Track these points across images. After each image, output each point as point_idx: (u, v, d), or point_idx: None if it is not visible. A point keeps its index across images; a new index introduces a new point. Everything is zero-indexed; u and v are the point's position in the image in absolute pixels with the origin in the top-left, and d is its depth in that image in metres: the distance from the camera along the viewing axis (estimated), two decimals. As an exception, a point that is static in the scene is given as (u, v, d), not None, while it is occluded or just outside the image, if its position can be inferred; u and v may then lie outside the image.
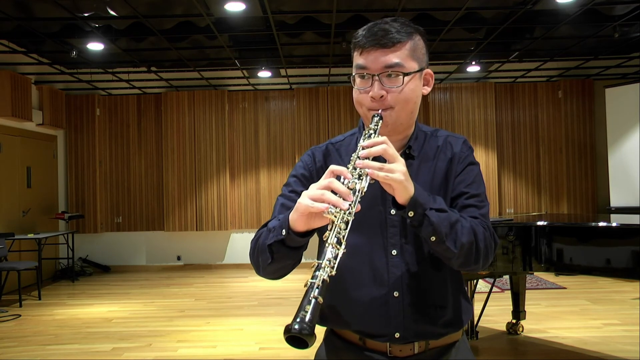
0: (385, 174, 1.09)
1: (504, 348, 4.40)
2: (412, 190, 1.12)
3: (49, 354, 4.55)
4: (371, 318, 1.27)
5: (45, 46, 6.55)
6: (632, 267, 3.16)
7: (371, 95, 1.24)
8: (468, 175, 1.30)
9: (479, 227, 1.22)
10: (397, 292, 1.26)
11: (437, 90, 8.89)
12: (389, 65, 1.22)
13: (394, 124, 1.25)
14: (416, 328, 1.27)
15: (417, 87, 1.27)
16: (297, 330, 0.92)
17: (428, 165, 1.31)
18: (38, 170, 8.05)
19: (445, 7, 5.47)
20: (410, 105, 1.26)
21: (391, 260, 1.27)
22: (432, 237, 1.14)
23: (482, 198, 1.29)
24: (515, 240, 3.60)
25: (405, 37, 1.24)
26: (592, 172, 8.79)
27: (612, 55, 7.50)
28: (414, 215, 1.12)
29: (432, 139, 1.35)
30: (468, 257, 1.19)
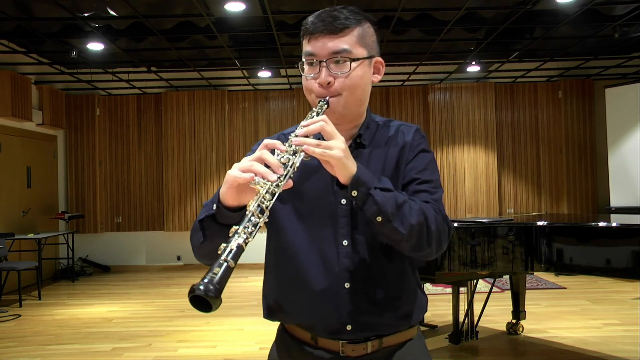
0: (323, 150, 1.07)
1: (504, 348, 4.40)
2: (354, 169, 1.10)
3: (49, 354, 4.55)
4: (321, 310, 1.24)
5: (45, 46, 6.55)
6: (632, 267, 3.16)
7: (318, 81, 1.22)
8: (419, 162, 1.28)
9: (430, 210, 1.18)
10: (348, 283, 1.23)
11: (437, 90, 8.89)
12: (336, 51, 1.21)
13: (342, 111, 1.24)
14: (367, 320, 1.24)
15: (365, 74, 1.26)
16: (202, 291, 0.88)
17: (379, 153, 1.29)
18: (38, 170, 8.05)
19: (445, 7, 5.47)
20: (358, 92, 1.25)
21: (342, 251, 1.24)
22: (378, 217, 1.11)
23: (435, 185, 1.27)
24: (515, 240, 3.60)
25: (353, 23, 1.23)
26: (592, 172, 8.80)
27: (612, 55, 7.50)
28: (358, 194, 1.10)
29: (384, 128, 1.34)
30: (419, 240, 1.16)
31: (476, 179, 8.75)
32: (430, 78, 8.71)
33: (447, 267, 3.62)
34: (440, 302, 5.89)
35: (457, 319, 4.30)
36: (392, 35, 6.31)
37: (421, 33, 6.36)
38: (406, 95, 9.02)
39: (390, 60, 7.66)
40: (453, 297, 4.28)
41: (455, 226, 3.67)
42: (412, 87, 8.99)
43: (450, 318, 4.49)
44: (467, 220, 3.86)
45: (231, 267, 0.93)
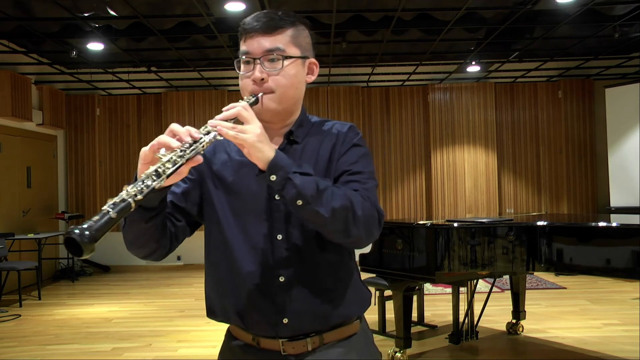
0: (236, 133, 1.10)
1: (504, 348, 4.40)
2: (271, 154, 1.11)
3: (49, 354, 4.55)
4: (258, 304, 1.25)
5: (45, 46, 6.55)
6: (632, 267, 3.16)
7: (252, 77, 1.25)
8: (351, 155, 1.30)
9: (357, 196, 1.19)
10: (283, 276, 1.25)
11: (437, 90, 8.89)
12: (270, 49, 1.25)
13: (276, 108, 1.27)
14: (305, 313, 1.25)
15: (299, 73, 1.29)
16: (77, 235, 0.89)
17: (312, 149, 1.31)
18: (38, 170, 8.05)
19: (445, 7, 5.47)
20: (291, 90, 1.28)
21: (276, 245, 1.25)
22: (298, 201, 1.11)
23: (367, 176, 1.28)
24: (515, 240, 3.60)
25: (287, 24, 1.28)
26: (592, 172, 8.80)
27: (612, 55, 7.50)
28: (276, 178, 1.11)
29: (319, 126, 1.37)
30: (345, 224, 1.15)
31: (476, 179, 8.75)
32: (430, 78, 8.71)
33: (447, 267, 3.62)
34: (440, 302, 5.89)
35: (457, 319, 4.30)
36: (392, 35, 6.31)
37: (421, 33, 6.36)
38: (406, 95, 9.02)
39: (390, 60, 7.66)
40: (453, 297, 4.28)
41: (455, 226, 3.67)
42: (412, 87, 8.99)
43: (450, 318, 4.50)
44: (467, 220, 3.86)
45: (112, 218, 0.94)
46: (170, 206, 1.29)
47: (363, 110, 8.90)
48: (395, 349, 3.94)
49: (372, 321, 4.68)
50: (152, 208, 1.16)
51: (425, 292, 5.95)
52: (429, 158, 8.86)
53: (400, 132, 9.00)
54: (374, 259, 3.99)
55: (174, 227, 1.29)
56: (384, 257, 3.91)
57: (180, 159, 1.05)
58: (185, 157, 1.06)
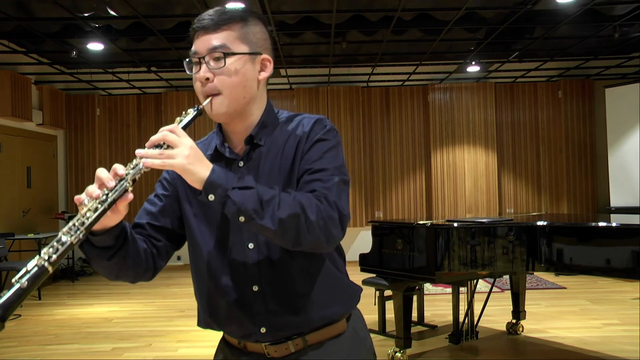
0: (163, 160, 1.06)
1: (504, 348, 4.40)
2: (205, 173, 1.07)
3: (49, 354, 4.55)
4: (237, 316, 1.25)
5: (45, 46, 6.55)
6: (632, 267, 3.16)
7: (197, 77, 1.21)
8: (315, 152, 1.22)
9: (310, 200, 1.12)
10: (256, 285, 1.23)
11: (437, 90, 8.89)
12: (212, 47, 1.20)
13: (227, 110, 1.22)
14: (282, 321, 1.23)
15: (247, 71, 1.23)
16: None
17: (276, 150, 1.25)
18: (38, 170, 8.05)
19: (445, 7, 5.47)
20: (239, 89, 1.22)
21: (248, 255, 1.23)
22: (240, 217, 1.07)
23: (330, 172, 1.20)
24: (515, 240, 3.60)
25: (235, 20, 1.23)
26: (592, 172, 8.80)
27: (612, 55, 7.50)
28: (215, 197, 1.07)
29: (285, 124, 1.29)
30: (297, 233, 1.10)
31: (476, 179, 8.75)
32: (430, 78, 8.71)
33: (447, 267, 3.62)
34: (440, 302, 5.89)
35: (457, 319, 4.30)
36: (392, 35, 6.31)
37: (421, 33, 6.36)
38: (406, 95, 9.02)
39: (390, 60, 7.66)
40: (453, 297, 4.28)
41: (455, 226, 3.67)
42: (412, 87, 8.99)
43: (450, 318, 4.50)
44: (467, 220, 3.86)
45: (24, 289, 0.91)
46: (148, 228, 1.28)
47: (363, 110, 8.90)
48: (395, 349, 3.94)
49: (372, 321, 4.68)
50: (108, 247, 1.15)
51: (425, 292, 5.95)
52: (429, 158, 8.86)
53: (400, 132, 9.01)
54: (373, 259, 3.99)
55: (154, 247, 1.27)
56: (384, 257, 3.91)
57: (101, 204, 1.04)
58: (108, 201, 1.04)
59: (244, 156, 1.27)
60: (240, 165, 1.26)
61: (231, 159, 1.27)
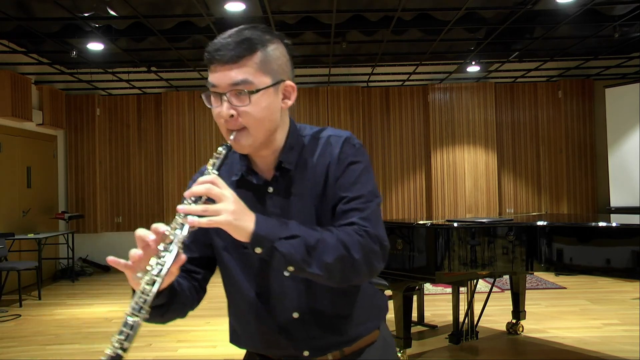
0: (209, 218, 1.01)
1: (504, 348, 4.40)
2: (251, 226, 1.04)
3: (49, 354, 4.55)
4: (276, 342, 1.25)
5: (45, 46, 6.55)
6: (632, 267, 3.16)
7: (221, 115, 1.14)
8: (348, 177, 1.20)
9: (352, 236, 1.11)
10: (297, 312, 1.22)
11: (437, 90, 8.89)
12: (234, 83, 1.13)
13: (252, 145, 1.17)
14: (324, 343, 1.25)
15: (272, 103, 1.16)
16: None
17: (306, 175, 1.22)
18: (38, 170, 8.05)
19: (445, 7, 5.47)
20: (265, 123, 1.16)
21: (285, 282, 1.22)
22: (290, 268, 1.07)
23: (366, 198, 1.19)
24: (515, 240, 3.60)
25: (255, 48, 1.14)
26: (592, 172, 8.80)
27: (612, 55, 7.51)
28: (263, 250, 1.05)
29: (312, 143, 1.25)
30: (343, 273, 1.11)
31: (476, 179, 8.75)
32: (430, 78, 8.71)
33: (447, 267, 3.62)
34: (440, 302, 5.89)
35: (457, 319, 4.30)
36: (392, 35, 6.31)
37: (421, 33, 6.36)
38: (406, 95, 9.02)
39: (390, 60, 7.67)
40: (453, 297, 4.28)
41: (455, 226, 3.67)
42: (412, 87, 8.99)
43: (450, 318, 4.50)
44: (467, 220, 3.86)
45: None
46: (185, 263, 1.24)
47: (363, 110, 8.90)
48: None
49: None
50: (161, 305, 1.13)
51: (425, 292, 5.95)
52: (429, 158, 8.86)
53: (400, 132, 9.00)
54: (374, 259, 3.97)
55: (195, 281, 1.27)
56: (384, 257, 3.89)
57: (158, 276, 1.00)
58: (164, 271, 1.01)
59: (273, 182, 1.23)
60: (269, 191, 1.23)
61: (259, 185, 1.24)
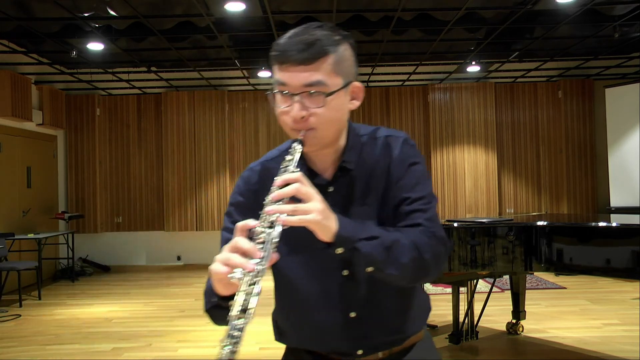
0: (300, 217, 1.01)
1: (504, 348, 4.40)
2: (335, 227, 1.05)
3: (49, 354, 4.55)
4: (330, 341, 1.25)
5: (45, 46, 6.55)
6: (632, 267, 3.16)
7: (292, 116, 1.13)
8: (409, 178, 1.21)
9: (422, 238, 1.14)
10: (354, 312, 1.23)
11: (437, 90, 8.89)
12: (309, 84, 1.11)
13: (318, 144, 1.16)
14: (378, 342, 1.26)
15: (342, 104, 1.17)
16: None
17: (367, 174, 1.23)
18: (38, 170, 8.05)
19: (445, 7, 5.47)
20: (334, 125, 1.17)
21: (343, 281, 1.22)
22: (369, 268, 1.09)
23: (428, 199, 1.21)
24: (515, 240, 3.60)
25: (328, 49, 1.11)
26: (592, 172, 8.79)
27: (612, 55, 7.50)
28: (344, 251, 1.06)
29: (370, 144, 1.26)
30: (415, 274, 1.14)
31: (476, 179, 8.75)
32: (430, 78, 8.71)
33: (447, 267, 3.62)
34: (440, 302, 5.89)
35: (457, 319, 4.30)
36: (392, 35, 6.31)
37: (421, 33, 6.36)
38: (406, 95, 9.02)
39: (390, 60, 7.66)
40: (453, 297, 4.28)
41: (455, 226, 3.67)
42: (412, 87, 8.99)
43: (450, 318, 4.49)
44: (467, 220, 3.86)
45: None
46: None
47: (363, 110, 8.90)
48: (395, 349, 3.94)
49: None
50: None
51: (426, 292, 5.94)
52: (429, 158, 8.85)
53: (400, 132, 8.99)
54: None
55: None
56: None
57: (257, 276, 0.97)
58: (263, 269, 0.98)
59: (334, 181, 1.23)
60: (330, 191, 1.22)
61: (320, 185, 1.20)
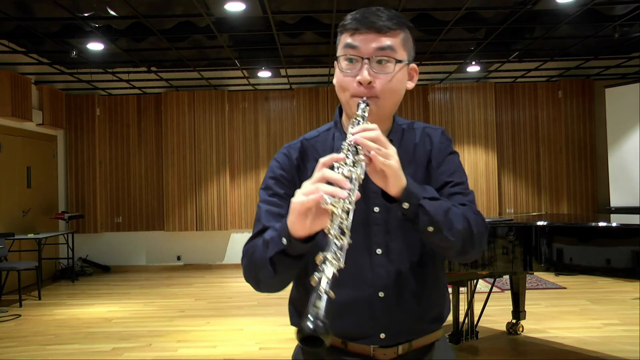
0: (383, 159, 1.04)
1: (504, 348, 4.40)
2: (405, 181, 1.07)
3: (49, 354, 4.55)
4: (356, 319, 1.23)
5: (45, 46, 6.54)
6: (632, 267, 3.16)
7: (359, 79, 1.15)
8: (449, 165, 1.27)
9: (470, 213, 1.18)
10: (382, 292, 1.22)
11: (437, 90, 8.89)
12: (382, 48, 1.15)
13: (377, 114, 1.18)
14: (402, 327, 1.24)
15: (404, 79, 1.23)
16: (312, 329, 0.84)
17: (408, 158, 1.26)
18: (38, 170, 8.05)
19: (445, 7, 5.47)
20: (396, 96, 1.22)
21: (375, 260, 1.22)
22: (430, 228, 1.09)
23: (466, 186, 1.26)
24: (515, 240, 3.60)
25: (400, 25, 1.19)
26: (592, 172, 8.79)
27: (612, 55, 7.50)
28: (410, 206, 1.07)
29: (410, 131, 1.31)
30: (465, 244, 1.15)
31: (476, 179, 8.75)
32: (430, 78, 8.71)
33: (447, 267, 3.62)
34: (440, 302, 5.89)
35: (457, 319, 4.30)
36: (392, 35, 6.30)
37: (421, 33, 6.36)
38: (406, 95, 8.91)
39: (390, 60, 7.65)
40: (453, 297, 4.27)
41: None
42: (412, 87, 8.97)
43: (450, 318, 4.49)
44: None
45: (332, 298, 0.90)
46: None
47: (363, 110, 8.89)
48: (395, 349, 3.94)
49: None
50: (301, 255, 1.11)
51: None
52: (429, 158, 8.85)
53: (400, 132, 9.00)
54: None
55: None
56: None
57: (350, 204, 0.98)
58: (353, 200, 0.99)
59: None
60: None
61: None
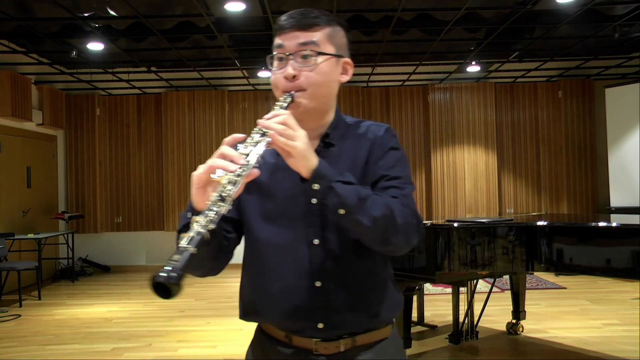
0: (286, 140, 1.09)
1: (504, 348, 4.40)
2: (315, 162, 1.11)
3: (49, 354, 4.55)
4: (293, 309, 1.24)
5: (45, 46, 6.55)
6: (632, 267, 3.16)
7: (284, 74, 1.23)
8: (388, 159, 1.28)
9: (397, 204, 1.18)
10: (319, 281, 1.23)
11: (437, 90, 8.89)
12: (304, 43, 1.23)
13: (306, 105, 1.23)
14: (339, 318, 1.25)
15: (332, 71, 1.27)
16: (164, 278, 0.89)
17: (348, 152, 1.29)
18: (38, 170, 8.05)
19: (445, 7, 5.47)
20: (323, 88, 1.25)
21: (313, 250, 1.24)
22: (340, 210, 1.11)
23: (404, 181, 1.27)
24: (515, 240, 3.60)
25: (323, 22, 1.25)
26: (592, 172, 8.79)
27: (612, 55, 7.51)
28: (320, 187, 1.11)
29: (354, 127, 1.34)
30: (384, 233, 1.15)
31: (476, 179, 8.75)
32: (430, 78, 8.71)
33: (447, 267, 3.61)
34: (440, 302, 5.89)
35: (457, 319, 4.30)
36: (392, 35, 6.31)
37: (421, 33, 6.37)
38: (406, 95, 9.02)
39: (390, 60, 7.66)
40: (453, 297, 4.28)
41: (455, 226, 3.67)
42: (412, 87, 8.99)
43: (450, 318, 4.49)
44: (467, 220, 3.86)
45: (193, 254, 0.94)
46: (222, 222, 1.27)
47: (363, 110, 8.90)
48: (395, 349, 3.93)
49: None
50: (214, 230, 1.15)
51: (425, 292, 5.94)
52: (429, 158, 8.86)
53: (400, 132, 9.00)
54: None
55: (226, 240, 1.27)
56: (384, 257, 3.89)
57: (239, 177, 1.04)
58: (243, 174, 1.05)
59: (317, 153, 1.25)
60: None
61: None
